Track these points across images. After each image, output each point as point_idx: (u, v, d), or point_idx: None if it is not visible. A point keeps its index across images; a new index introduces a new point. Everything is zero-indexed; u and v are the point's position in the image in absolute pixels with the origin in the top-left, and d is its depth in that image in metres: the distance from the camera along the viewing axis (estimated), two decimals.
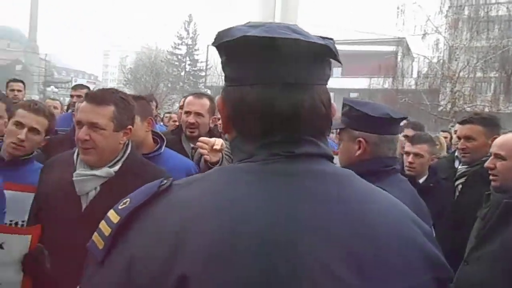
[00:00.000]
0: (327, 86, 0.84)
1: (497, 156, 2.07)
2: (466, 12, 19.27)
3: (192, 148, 2.76)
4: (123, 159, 1.86)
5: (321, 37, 0.85)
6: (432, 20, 19.42)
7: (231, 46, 0.79)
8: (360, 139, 1.72)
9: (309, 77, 0.79)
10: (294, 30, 0.79)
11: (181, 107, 3.53)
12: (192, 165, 2.42)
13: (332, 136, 5.00)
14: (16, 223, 2.02)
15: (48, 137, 2.33)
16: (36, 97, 42.60)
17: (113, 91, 1.89)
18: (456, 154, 4.19)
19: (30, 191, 1.99)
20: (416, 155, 2.99)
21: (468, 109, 18.23)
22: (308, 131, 0.80)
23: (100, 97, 1.79)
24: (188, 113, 2.75)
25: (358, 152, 1.72)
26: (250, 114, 0.79)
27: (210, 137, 2.72)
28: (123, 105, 1.84)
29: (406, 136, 3.83)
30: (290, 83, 0.77)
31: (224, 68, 0.84)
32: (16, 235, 1.67)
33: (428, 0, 20.30)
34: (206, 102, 2.80)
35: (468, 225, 2.33)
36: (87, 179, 1.78)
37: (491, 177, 2.10)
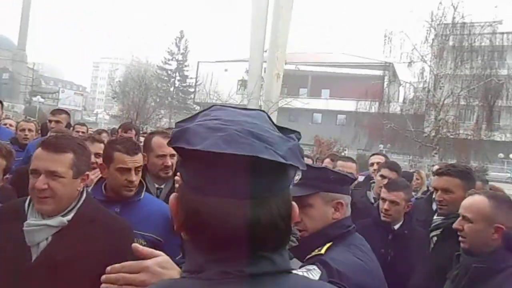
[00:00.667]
0: (316, 107, 0.82)
1: (465, 218, 2.07)
2: (451, 43, 19.81)
3: (157, 188, 2.76)
4: (77, 207, 1.80)
5: (289, 130, 0.84)
6: (418, 49, 19.99)
7: (185, 152, 0.77)
8: (341, 201, 1.75)
9: (266, 191, 0.76)
10: (257, 136, 0.76)
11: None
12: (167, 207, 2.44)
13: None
14: None
15: (6, 176, 2.28)
16: (21, 106, 42.12)
17: (69, 138, 1.87)
18: (433, 196, 4.31)
19: None
20: (392, 202, 3.03)
21: (451, 136, 18.61)
22: (263, 247, 0.76)
23: (58, 144, 1.75)
24: (162, 156, 2.69)
25: (336, 214, 1.75)
26: (202, 225, 0.75)
27: (174, 173, 2.73)
28: (81, 151, 1.82)
29: (382, 176, 3.92)
30: (245, 198, 0.75)
31: (179, 168, 0.83)
32: None
33: (415, 29, 20.87)
34: None
35: (442, 278, 2.33)
36: (38, 229, 1.72)
37: (460, 239, 2.10)
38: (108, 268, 1.03)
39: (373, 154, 4.98)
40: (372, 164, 4.72)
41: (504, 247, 1.98)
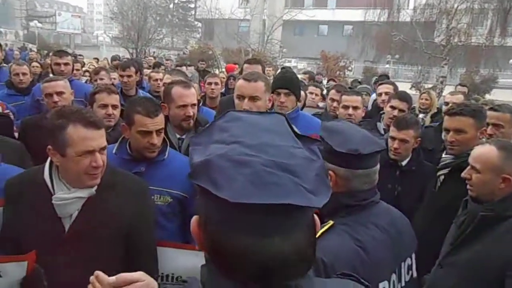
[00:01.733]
0: (321, 19, 0.77)
1: (473, 168, 2.06)
2: None
3: (179, 139, 2.74)
4: (101, 174, 1.85)
5: (309, 139, 0.84)
6: None
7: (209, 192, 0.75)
8: (330, 172, 1.56)
9: (294, 227, 0.76)
10: (284, 167, 0.75)
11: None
12: None
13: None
14: None
15: None
16: (20, 32, 41.04)
17: (89, 110, 1.91)
18: (444, 137, 4.23)
19: None
20: (402, 140, 2.98)
21: (463, 44, 17.96)
22: (293, 277, 0.77)
23: (98, 120, 1.81)
24: (183, 106, 2.66)
25: (330, 184, 1.66)
26: (230, 260, 0.75)
27: (195, 128, 2.74)
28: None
29: (392, 107, 3.83)
30: (273, 236, 0.74)
31: (201, 197, 0.80)
32: (13, 263, 1.71)
33: None
34: (194, 90, 2.75)
35: (447, 218, 2.38)
36: (70, 202, 1.79)
37: (468, 187, 2.10)
38: None
39: (381, 83, 4.79)
40: (380, 94, 4.61)
41: None
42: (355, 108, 3.66)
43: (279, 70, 6.46)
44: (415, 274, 1.72)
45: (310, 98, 4.79)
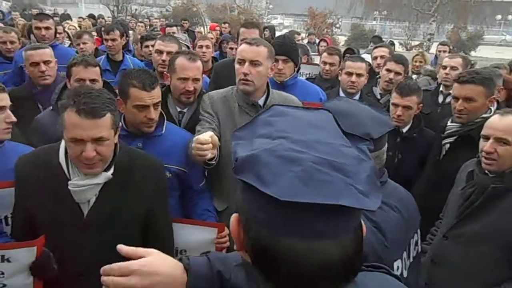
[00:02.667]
0: None
1: (500, 140, 1.95)
2: None
3: (179, 112, 2.62)
4: (114, 159, 1.79)
5: (357, 137, 0.82)
6: None
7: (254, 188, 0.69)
8: None
9: (343, 229, 0.71)
10: (336, 167, 0.70)
11: (158, 51, 3.28)
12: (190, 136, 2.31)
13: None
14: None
15: None
16: None
17: (99, 94, 1.70)
18: (440, 89, 4.16)
19: (6, 187, 1.91)
20: (405, 107, 2.91)
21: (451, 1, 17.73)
22: (340, 284, 0.73)
23: (96, 108, 1.64)
24: (184, 79, 2.52)
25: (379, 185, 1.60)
26: (275, 264, 0.70)
27: (198, 98, 2.63)
28: (114, 106, 1.73)
29: (388, 70, 3.75)
30: (321, 239, 0.69)
31: (242, 195, 0.75)
32: (22, 248, 1.71)
33: None
34: (200, 64, 2.59)
35: (450, 187, 2.35)
36: (88, 188, 1.73)
37: (487, 161, 2.00)
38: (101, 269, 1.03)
39: (376, 47, 4.63)
40: (376, 58, 4.48)
41: None
42: (358, 75, 3.52)
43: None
44: (420, 249, 1.72)
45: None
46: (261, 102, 2.43)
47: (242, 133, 0.81)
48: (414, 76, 5.33)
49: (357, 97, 3.57)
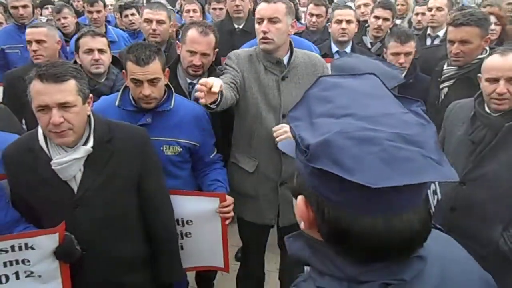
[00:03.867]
0: None
1: (510, 79, 1.97)
2: None
3: (190, 83, 2.57)
4: (92, 131, 1.79)
5: (408, 99, 0.79)
6: None
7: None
8: None
9: (419, 199, 0.72)
10: (409, 140, 0.68)
11: (147, 20, 3.19)
12: (203, 113, 2.29)
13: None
14: None
15: None
16: None
17: (62, 63, 1.72)
18: (428, 32, 4.16)
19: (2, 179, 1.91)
20: (406, 54, 2.93)
21: None
22: (414, 251, 0.75)
23: (57, 73, 1.64)
24: (193, 53, 2.45)
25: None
26: (354, 241, 0.70)
27: (209, 72, 2.57)
28: (79, 74, 1.73)
29: (376, 17, 3.75)
30: (402, 213, 0.70)
31: (315, 177, 0.72)
32: (44, 235, 1.74)
33: None
34: (212, 38, 2.50)
35: None
36: (70, 165, 1.73)
37: (499, 102, 2.01)
38: None
39: None
40: (359, 7, 4.42)
41: None
42: (348, 22, 3.50)
43: None
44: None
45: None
46: (285, 60, 2.39)
47: (297, 113, 0.78)
48: (398, 21, 5.30)
49: (349, 47, 3.56)
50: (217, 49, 2.57)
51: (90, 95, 1.79)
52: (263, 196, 2.41)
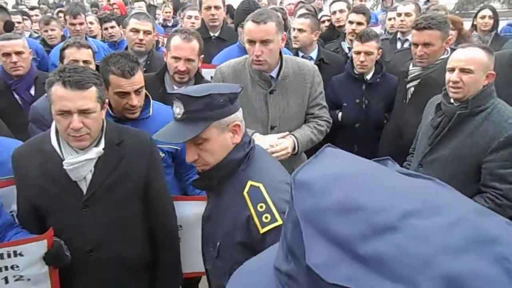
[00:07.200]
0: None
1: (464, 70, 2.19)
2: None
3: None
4: (103, 134, 1.85)
5: None
6: None
7: None
8: (237, 122, 1.56)
9: None
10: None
11: (134, 30, 3.26)
12: None
13: None
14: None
15: None
16: None
17: (84, 69, 1.79)
18: (398, 36, 4.36)
19: (9, 185, 1.96)
20: (367, 53, 3.13)
21: None
22: None
23: (81, 81, 1.72)
24: (177, 58, 2.50)
25: (236, 137, 1.57)
26: None
27: (196, 80, 2.61)
28: (99, 81, 1.81)
29: (350, 22, 3.93)
30: None
31: None
32: (33, 243, 1.76)
33: None
34: (196, 44, 2.55)
35: (417, 127, 2.59)
36: (81, 165, 1.79)
37: (454, 90, 2.23)
38: None
39: (333, 2, 4.66)
40: (334, 13, 4.56)
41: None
42: (300, 30, 3.55)
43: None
44: None
45: None
46: (274, 73, 2.38)
47: (326, 260, 0.46)
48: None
49: (314, 51, 3.63)
50: (202, 56, 2.62)
51: (107, 100, 1.88)
52: None
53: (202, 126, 1.49)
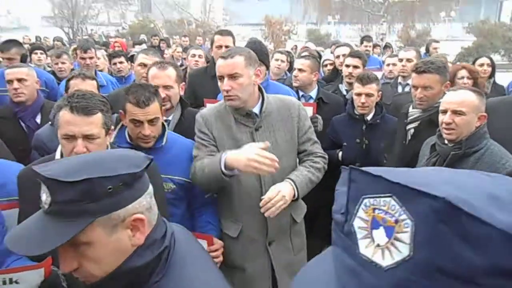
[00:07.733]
0: None
1: (457, 112, 2.24)
2: None
3: (165, 121, 2.63)
4: None
5: None
6: None
7: None
8: (138, 216, 1.03)
9: None
10: None
11: (142, 65, 3.40)
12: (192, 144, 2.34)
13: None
14: None
15: None
16: None
17: (92, 96, 1.83)
18: (399, 80, 4.48)
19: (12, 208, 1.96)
20: (367, 95, 3.23)
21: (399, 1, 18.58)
22: None
23: (87, 107, 1.76)
24: (156, 86, 2.47)
25: (137, 236, 1.06)
26: None
27: (182, 105, 2.70)
28: (106, 107, 1.84)
29: (347, 66, 4.03)
30: None
31: None
32: (30, 271, 1.73)
33: None
34: (172, 71, 2.63)
35: (414, 166, 2.55)
36: None
37: (447, 131, 2.27)
38: None
39: (337, 46, 4.82)
40: (338, 57, 4.69)
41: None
42: (300, 70, 3.68)
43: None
44: None
45: (275, 65, 4.74)
46: (256, 110, 2.31)
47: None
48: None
49: (314, 91, 3.72)
50: (183, 83, 2.69)
51: (112, 127, 1.91)
52: (251, 265, 2.32)
53: (79, 224, 0.98)
